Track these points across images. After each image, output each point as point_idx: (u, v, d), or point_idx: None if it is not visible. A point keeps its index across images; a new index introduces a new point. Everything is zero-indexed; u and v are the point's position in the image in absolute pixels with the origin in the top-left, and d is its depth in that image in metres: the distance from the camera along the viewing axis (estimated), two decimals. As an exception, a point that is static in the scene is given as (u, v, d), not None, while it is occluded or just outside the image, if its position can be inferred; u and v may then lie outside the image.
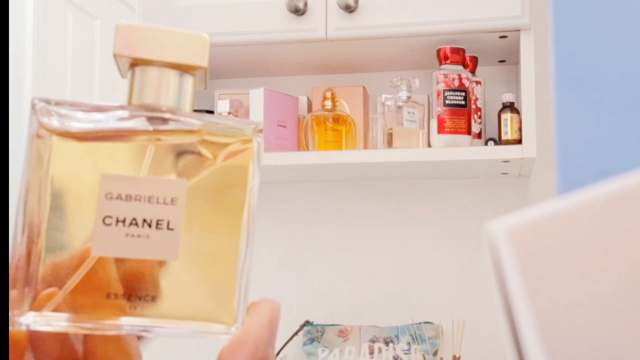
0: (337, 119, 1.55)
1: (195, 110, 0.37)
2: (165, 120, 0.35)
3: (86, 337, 0.36)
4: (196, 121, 0.35)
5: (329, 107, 1.56)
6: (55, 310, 0.33)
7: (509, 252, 0.28)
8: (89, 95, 2.79)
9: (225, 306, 0.35)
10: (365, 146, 1.59)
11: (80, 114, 0.34)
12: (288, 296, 1.71)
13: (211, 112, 1.60)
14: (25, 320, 0.33)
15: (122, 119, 0.35)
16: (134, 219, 0.34)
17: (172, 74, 0.36)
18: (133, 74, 0.36)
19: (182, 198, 0.34)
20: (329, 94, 1.56)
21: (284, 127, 1.55)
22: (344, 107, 1.59)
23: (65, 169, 0.34)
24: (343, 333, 1.63)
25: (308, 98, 1.64)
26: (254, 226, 0.36)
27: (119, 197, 0.34)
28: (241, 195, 0.36)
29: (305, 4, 1.45)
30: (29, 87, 2.51)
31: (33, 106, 0.34)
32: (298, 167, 1.53)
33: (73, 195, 0.34)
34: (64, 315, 0.33)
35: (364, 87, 1.62)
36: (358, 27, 1.45)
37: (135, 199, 0.34)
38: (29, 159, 0.34)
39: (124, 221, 0.34)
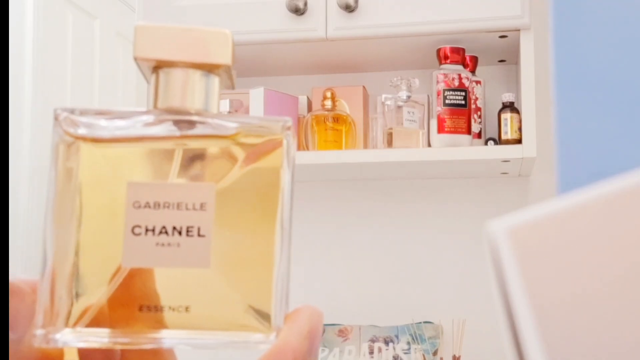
0: (337, 119, 1.55)
1: None
2: (192, 124, 0.34)
3: (123, 349, 0.35)
4: (227, 123, 0.34)
5: (329, 106, 1.56)
6: (89, 325, 0.32)
7: (509, 252, 0.28)
8: (89, 95, 2.79)
9: (262, 314, 0.33)
10: (365, 146, 1.59)
11: (105, 122, 0.33)
12: (288, 296, 1.71)
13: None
14: (62, 337, 0.32)
15: (148, 124, 0.34)
16: (164, 227, 0.33)
17: (197, 75, 0.35)
18: (157, 77, 0.35)
19: (212, 203, 0.33)
20: (328, 94, 1.56)
21: (284, 127, 1.55)
22: (344, 107, 1.59)
23: (94, 178, 0.33)
24: (343, 333, 1.63)
25: (308, 98, 1.64)
26: (290, 227, 0.34)
27: (146, 205, 0.33)
28: (274, 195, 0.34)
29: (305, 4, 1.45)
30: (29, 87, 2.51)
31: (56, 117, 0.33)
32: (298, 166, 1.53)
33: (103, 204, 0.33)
34: (97, 331, 0.32)
35: (364, 87, 1.62)
36: (358, 27, 1.45)
37: (164, 206, 0.33)
38: (55, 169, 0.33)
39: (153, 230, 0.32)
